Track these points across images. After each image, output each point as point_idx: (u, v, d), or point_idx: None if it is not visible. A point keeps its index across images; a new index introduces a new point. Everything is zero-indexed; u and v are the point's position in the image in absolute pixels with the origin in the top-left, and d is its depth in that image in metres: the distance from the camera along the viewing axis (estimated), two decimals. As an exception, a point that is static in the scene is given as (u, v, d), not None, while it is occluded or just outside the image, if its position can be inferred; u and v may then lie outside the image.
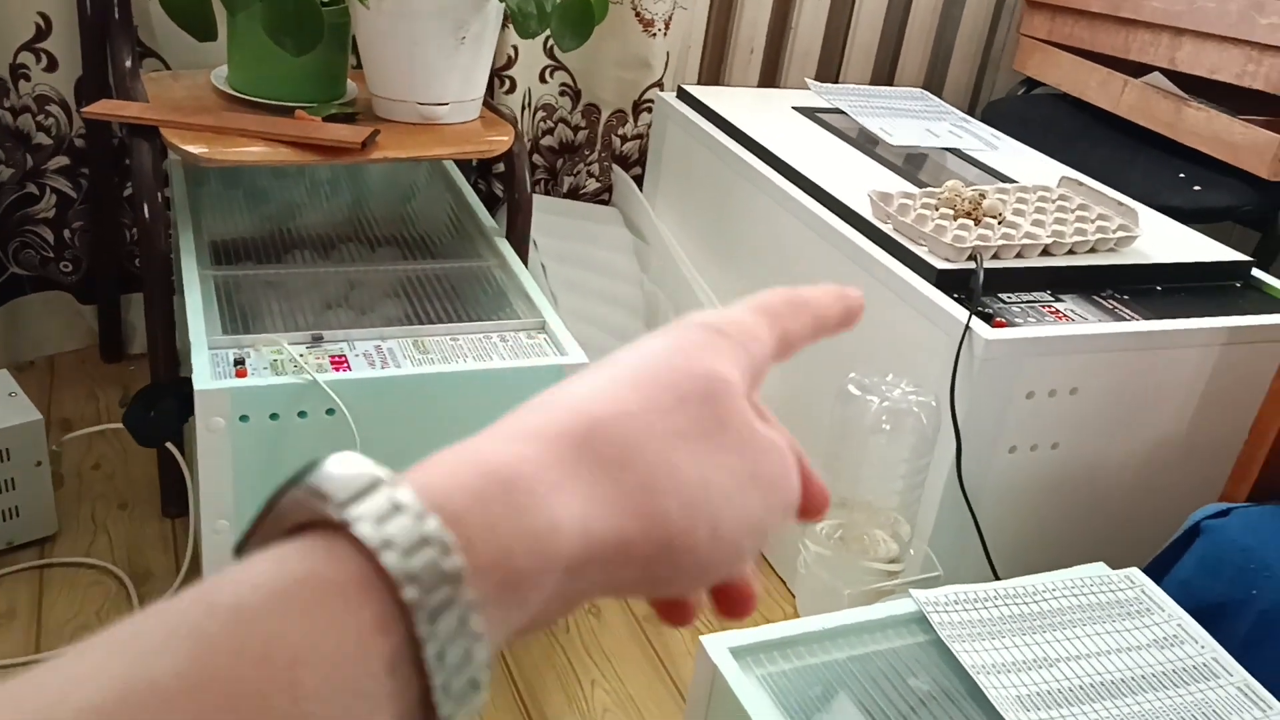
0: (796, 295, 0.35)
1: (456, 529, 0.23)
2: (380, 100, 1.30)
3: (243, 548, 0.25)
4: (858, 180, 1.38)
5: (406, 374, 1.08)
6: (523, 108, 1.72)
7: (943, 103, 1.81)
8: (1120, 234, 1.26)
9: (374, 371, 1.07)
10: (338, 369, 1.07)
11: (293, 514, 0.24)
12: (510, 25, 1.31)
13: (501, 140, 1.31)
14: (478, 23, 1.25)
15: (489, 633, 0.23)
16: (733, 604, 0.32)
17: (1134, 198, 1.39)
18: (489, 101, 1.39)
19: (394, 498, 0.23)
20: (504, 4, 1.24)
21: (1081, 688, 0.81)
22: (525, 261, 1.36)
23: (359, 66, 1.33)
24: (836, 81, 1.93)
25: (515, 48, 1.66)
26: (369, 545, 0.22)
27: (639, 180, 1.79)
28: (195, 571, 1.25)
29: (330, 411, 1.05)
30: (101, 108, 1.20)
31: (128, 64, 1.36)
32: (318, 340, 1.11)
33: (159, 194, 1.20)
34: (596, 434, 0.27)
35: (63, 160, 1.53)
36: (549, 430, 0.27)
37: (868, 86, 1.89)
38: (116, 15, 1.39)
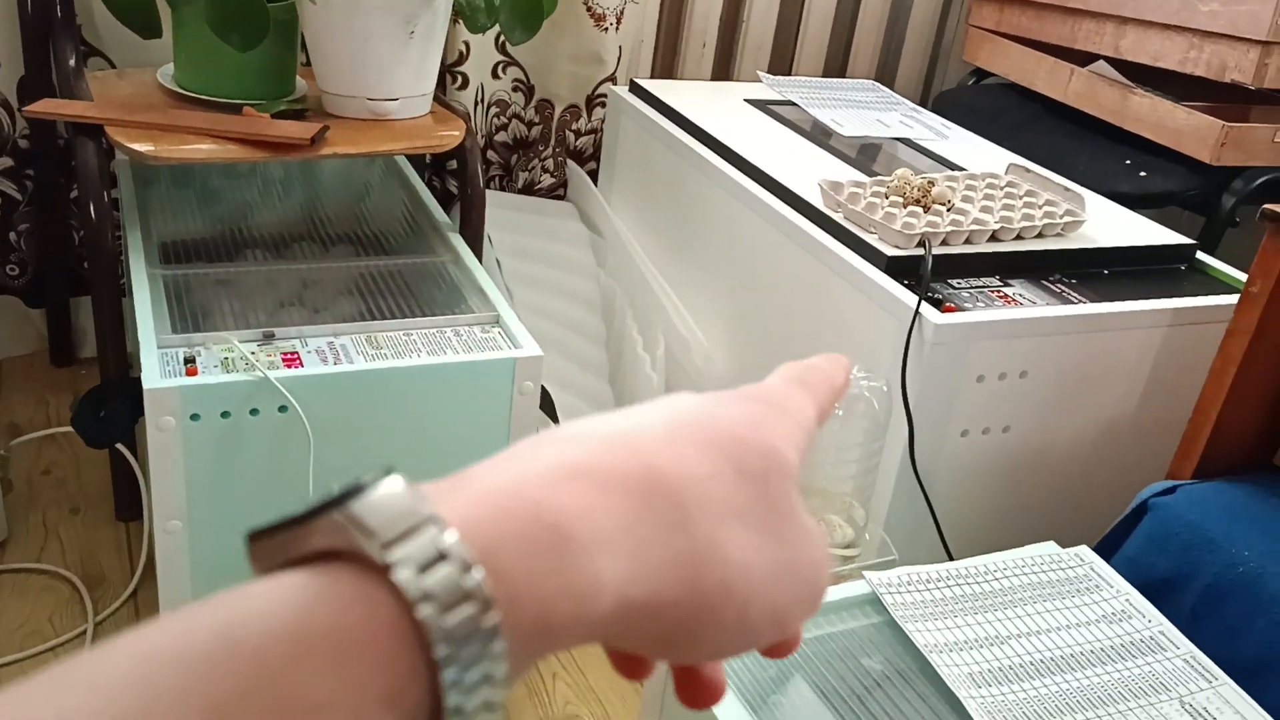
0: (814, 367, 0.35)
1: (500, 583, 0.23)
2: (330, 97, 1.29)
3: (259, 540, 0.24)
4: (810, 171, 1.38)
5: (359, 369, 1.07)
6: (475, 104, 1.72)
7: (894, 94, 1.83)
8: (1067, 219, 1.27)
9: (326, 368, 1.06)
10: (289, 366, 1.06)
11: (327, 536, 0.23)
12: (460, 20, 1.31)
13: (453, 135, 1.31)
14: (427, 17, 1.25)
15: (508, 678, 0.23)
16: (696, 693, 0.32)
17: (1081, 184, 1.41)
18: (440, 97, 1.39)
19: (439, 543, 0.22)
20: (452, -2, 1.24)
21: (1032, 663, 0.82)
22: (480, 257, 1.36)
23: (309, 64, 1.32)
24: (789, 74, 1.94)
25: (466, 43, 1.66)
26: (408, 596, 0.22)
27: (594, 175, 1.80)
28: (150, 575, 1.24)
29: (283, 409, 1.04)
30: (44, 106, 1.19)
31: (71, 63, 1.34)
32: (269, 338, 1.10)
33: (105, 193, 1.18)
34: (658, 490, 0.27)
35: (7, 162, 1.51)
36: (612, 473, 0.26)
37: (820, 79, 1.90)
38: (59, 13, 1.37)
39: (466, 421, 1.13)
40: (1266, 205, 0.97)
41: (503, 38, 1.72)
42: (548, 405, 1.25)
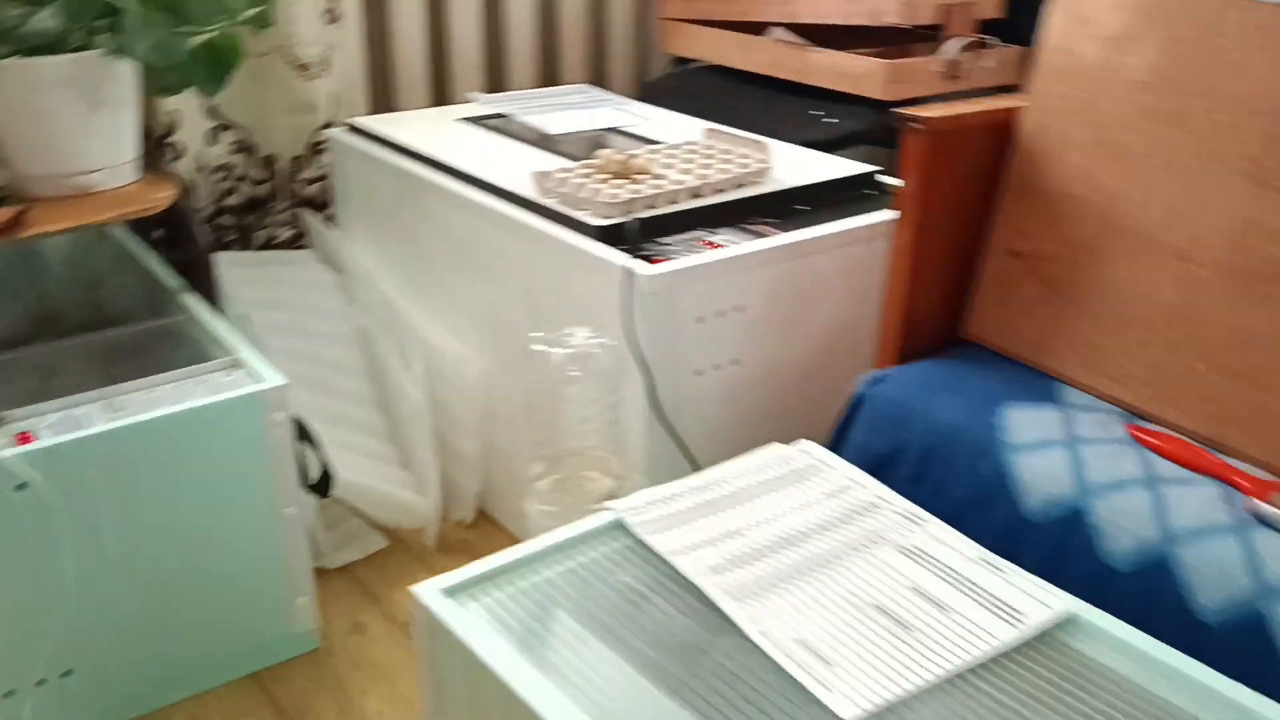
0: None
1: None
2: (28, 179, 1.28)
3: None
4: (526, 170, 1.45)
5: (98, 431, 1.07)
6: (196, 172, 1.72)
7: (604, 92, 1.93)
8: (758, 166, 1.38)
9: (61, 436, 1.06)
10: (24, 444, 1.05)
11: None
12: (152, 85, 1.32)
13: (164, 196, 1.31)
14: (110, 85, 1.26)
15: None
16: None
17: (781, 140, 1.53)
18: (150, 163, 1.39)
19: None
20: (133, 61, 1.25)
21: (767, 545, 0.90)
22: (216, 309, 1.37)
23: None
24: (505, 90, 2.02)
25: (175, 114, 1.66)
26: None
27: (333, 219, 1.82)
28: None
29: (22, 486, 1.03)
30: None
31: None
32: (-1, 422, 1.09)
33: None
34: None
35: None
36: None
37: (533, 90, 1.99)
38: None
39: (223, 464, 1.14)
40: (897, 109, 1.09)
41: (214, 101, 1.72)
42: (305, 436, 1.27)
